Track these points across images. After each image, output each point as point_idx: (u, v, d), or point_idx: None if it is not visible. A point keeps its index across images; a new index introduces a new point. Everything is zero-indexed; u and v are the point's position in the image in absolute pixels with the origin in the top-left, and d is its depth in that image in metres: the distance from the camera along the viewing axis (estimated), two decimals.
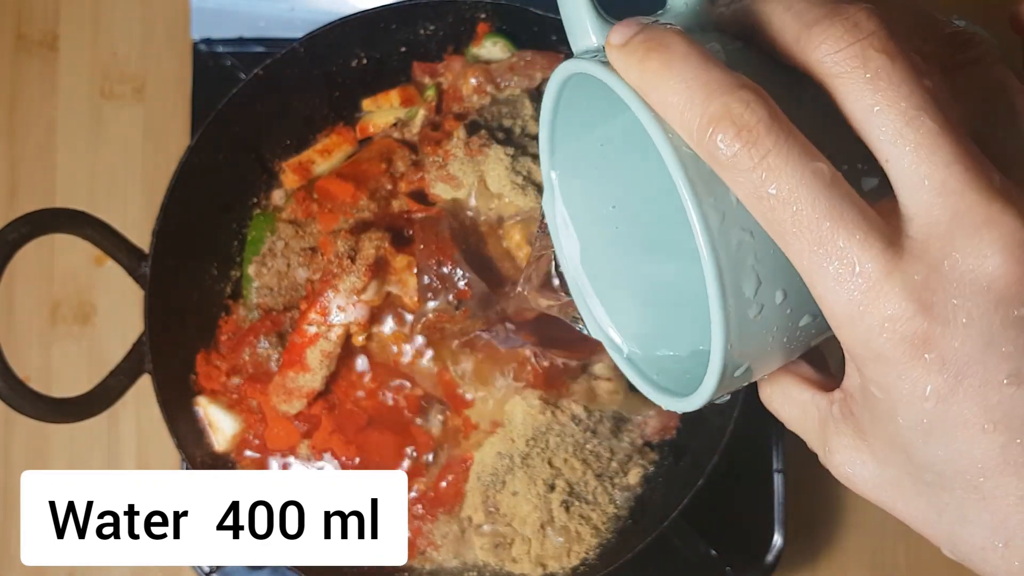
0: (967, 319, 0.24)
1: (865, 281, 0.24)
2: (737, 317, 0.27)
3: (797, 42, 0.26)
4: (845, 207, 0.24)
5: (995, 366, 0.24)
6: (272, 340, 0.68)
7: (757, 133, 0.24)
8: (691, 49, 0.26)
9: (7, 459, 0.78)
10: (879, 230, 0.24)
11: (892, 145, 0.24)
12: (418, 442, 0.68)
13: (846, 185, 0.25)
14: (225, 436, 0.69)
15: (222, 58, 0.76)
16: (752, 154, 0.24)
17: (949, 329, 0.24)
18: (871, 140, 0.25)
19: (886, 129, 0.24)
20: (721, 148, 0.25)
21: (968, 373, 0.24)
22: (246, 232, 0.72)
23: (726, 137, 0.25)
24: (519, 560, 0.66)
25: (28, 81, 0.81)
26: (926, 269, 0.24)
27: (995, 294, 0.24)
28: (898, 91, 0.24)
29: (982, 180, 0.24)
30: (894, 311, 0.24)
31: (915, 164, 0.24)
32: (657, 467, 0.69)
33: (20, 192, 0.80)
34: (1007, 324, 0.24)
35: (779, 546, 0.70)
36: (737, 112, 0.24)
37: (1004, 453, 0.24)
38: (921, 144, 0.24)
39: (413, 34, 0.71)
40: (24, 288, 0.79)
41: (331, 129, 0.73)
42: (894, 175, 0.25)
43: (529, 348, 0.65)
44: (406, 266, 0.65)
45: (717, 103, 0.25)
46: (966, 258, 0.24)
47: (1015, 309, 0.24)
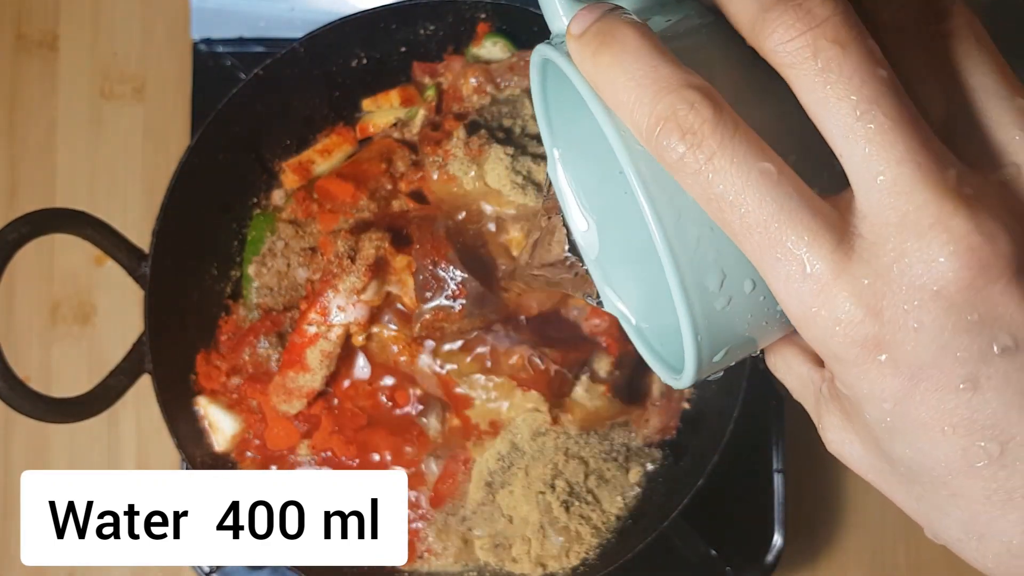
0: (918, 324, 0.23)
1: (816, 283, 0.24)
2: (703, 310, 0.26)
3: (752, 28, 0.25)
4: (794, 207, 0.24)
5: (950, 370, 0.23)
6: (272, 340, 0.68)
7: (702, 135, 0.24)
8: (642, 43, 0.25)
9: (7, 459, 0.78)
10: (830, 229, 0.24)
11: (844, 140, 0.24)
12: (418, 442, 0.68)
13: (796, 183, 0.24)
14: (225, 436, 0.69)
15: (222, 58, 0.76)
16: (697, 156, 0.24)
17: (900, 334, 0.23)
18: (825, 133, 0.24)
19: (838, 123, 0.24)
20: (668, 149, 0.24)
21: (923, 377, 0.23)
22: (246, 232, 0.72)
23: (672, 139, 0.24)
24: (519, 560, 0.66)
25: (28, 81, 0.81)
26: (875, 273, 0.23)
27: (945, 300, 0.23)
28: (849, 84, 0.23)
29: (935, 178, 0.23)
30: (844, 315, 0.23)
31: (866, 161, 0.23)
32: (657, 467, 0.69)
33: (20, 192, 0.80)
34: (959, 329, 0.23)
35: (779, 546, 0.70)
36: (682, 114, 0.24)
37: (966, 456, 0.24)
38: (872, 140, 0.23)
39: (413, 34, 0.71)
40: (24, 288, 0.79)
41: (331, 129, 0.73)
42: (848, 171, 0.24)
43: (527, 348, 0.65)
44: (406, 266, 0.65)
45: (663, 103, 0.24)
46: (915, 262, 0.23)
47: (966, 315, 0.23)
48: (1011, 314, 0.23)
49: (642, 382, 0.71)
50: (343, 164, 0.71)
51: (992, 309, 0.23)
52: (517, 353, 0.66)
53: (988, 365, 0.23)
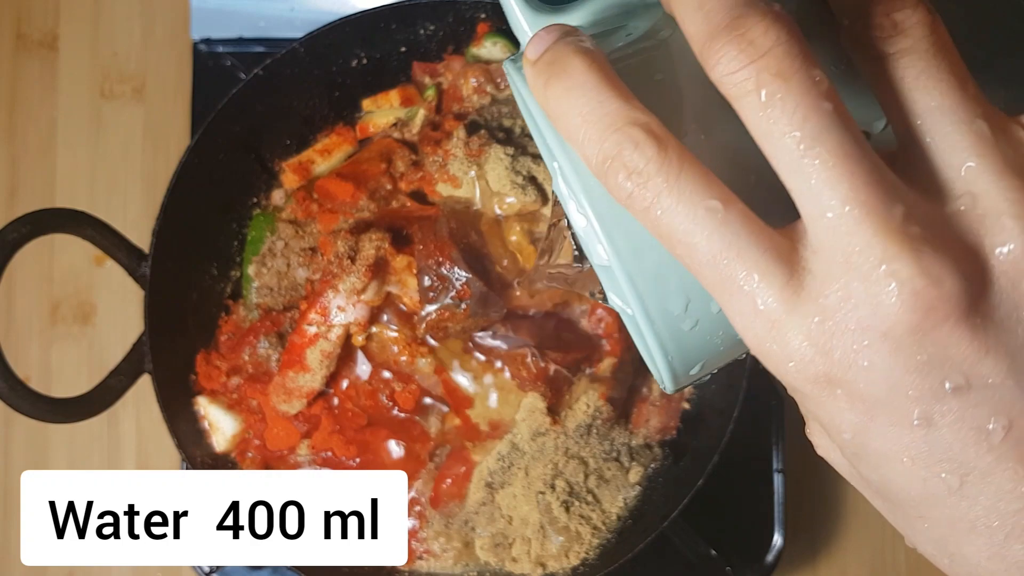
0: (868, 364, 0.23)
1: (767, 319, 0.23)
2: (670, 333, 0.26)
3: (701, 55, 0.24)
4: (742, 244, 0.23)
5: (903, 408, 0.23)
6: (272, 340, 0.68)
7: (647, 174, 0.23)
8: (589, 77, 0.25)
9: (7, 459, 0.78)
10: (781, 264, 0.23)
11: (790, 175, 0.23)
12: (418, 442, 0.68)
13: (744, 218, 0.23)
14: (225, 436, 0.69)
15: (222, 58, 0.76)
16: (644, 195, 0.24)
17: (851, 373, 0.23)
18: (773, 166, 0.23)
19: (783, 158, 0.23)
20: (616, 187, 0.24)
21: (878, 412, 0.23)
22: (246, 232, 0.72)
23: (619, 177, 0.24)
24: (519, 560, 0.66)
25: (28, 81, 0.81)
26: (824, 312, 0.23)
27: (893, 341, 0.22)
28: (791, 119, 0.22)
29: (880, 217, 0.22)
30: (795, 353, 0.23)
31: (812, 197, 0.23)
32: (657, 467, 0.69)
33: (20, 192, 0.80)
34: (909, 370, 0.22)
35: (779, 546, 0.70)
36: (627, 153, 0.24)
37: (927, 486, 0.24)
38: (817, 176, 0.23)
39: (413, 34, 0.71)
40: (24, 288, 0.79)
41: (331, 129, 0.73)
42: (797, 204, 0.23)
43: (529, 348, 0.65)
44: (406, 266, 0.65)
45: (609, 142, 0.24)
46: (862, 304, 0.22)
47: (915, 355, 0.22)
48: (961, 354, 0.22)
49: (642, 381, 0.71)
50: (343, 164, 0.71)
51: (941, 350, 0.22)
52: (518, 353, 0.66)
53: (941, 403, 0.23)
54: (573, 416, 0.67)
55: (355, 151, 0.72)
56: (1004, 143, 0.24)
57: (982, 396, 0.23)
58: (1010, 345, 0.22)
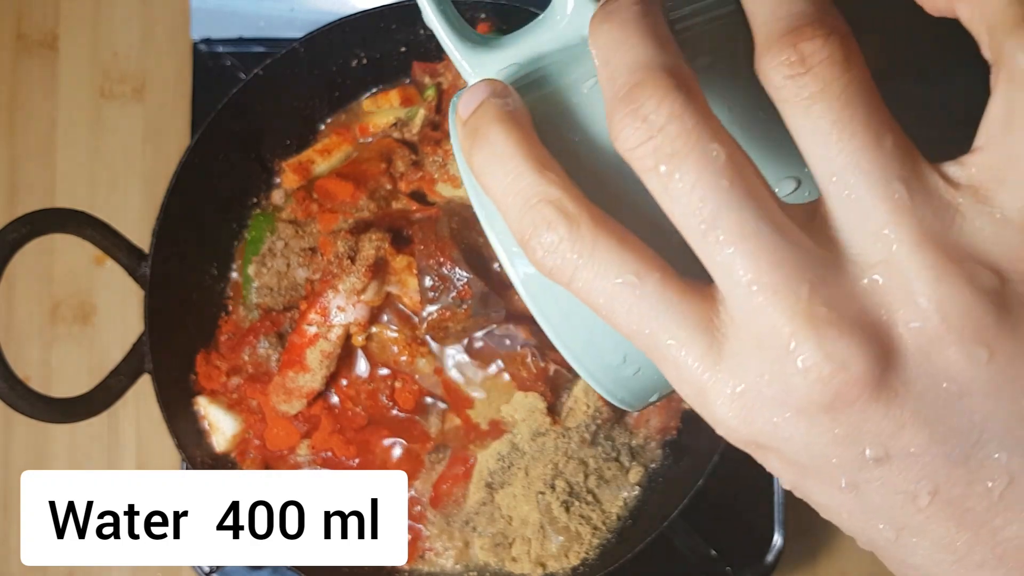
0: (789, 435, 0.23)
1: (692, 385, 0.23)
2: (614, 380, 0.26)
3: (607, 122, 0.23)
4: (661, 314, 0.23)
5: (829, 475, 0.23)
6: (272, 340, 0.68)
7: (561, 252, 0.23)
8: (507, 148, 0.25)
9: (7, 459, 0.78)
10: (702, 331, 0.23)
11: (698, 250, 0.23)
12: (418, 442, 0.68)
13: (662, 288, 0.23)
14: (225, 436, 0.69)
15: (222, 58, 0.76)
16: (563, 271, 0.24)
17: (775, 442, 0.23)
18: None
19: (689, 235, 0.23)
20: (538, 264, 0.24)
21: (808, 475, 0.24)
22: (246, 232, 0.72)
23: (536, 255, 0.24)
24: (519, 560, 0.66)
25: (28, 81, 0.81)
26: (742, 382, 0.23)
27: (808, 418, 0.22)
28: (689, 200, 0.22)
29: (785, 299, 0.22)
30: (721, 420, 0.23)
31: (721, 273, 0.22)
32: (657, 467, 0.69)
33: (20, 192, 0.80)
34: (828, 442, 0.22)
35: (779, 546, 0.70)
36: (541, 232, 0.24)
37: (868, 536, 0.24)
38: (721, 255, 0.22)
39: (413, 34, 0.71)
40: (24, 288, 0.79)
41: (331, 129, 0.73)
42: (711, 276, 0.23)
43: (529, 348, 0.65)
44: (406, 266, 0.65)
45: (524, 220, 0.24)
46: (774, 383, 0.22)
47: (832, 430, 0.22)
48: (876, 428, 0.22)
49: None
50: (343, 164, 0.71)
51: (855, 426, 0.22)
52: (518, 353, 0.66)
53: (864, 472, 0.23)
54: (573, 416, 0.67)
55: (355, 151, 0.72)
56: (923, 205, 0.22)
57: (904, 464, 0.23)
58: (928, 416, 0.22)
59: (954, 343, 0.22)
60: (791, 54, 0.22)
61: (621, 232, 0.24)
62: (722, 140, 0.22)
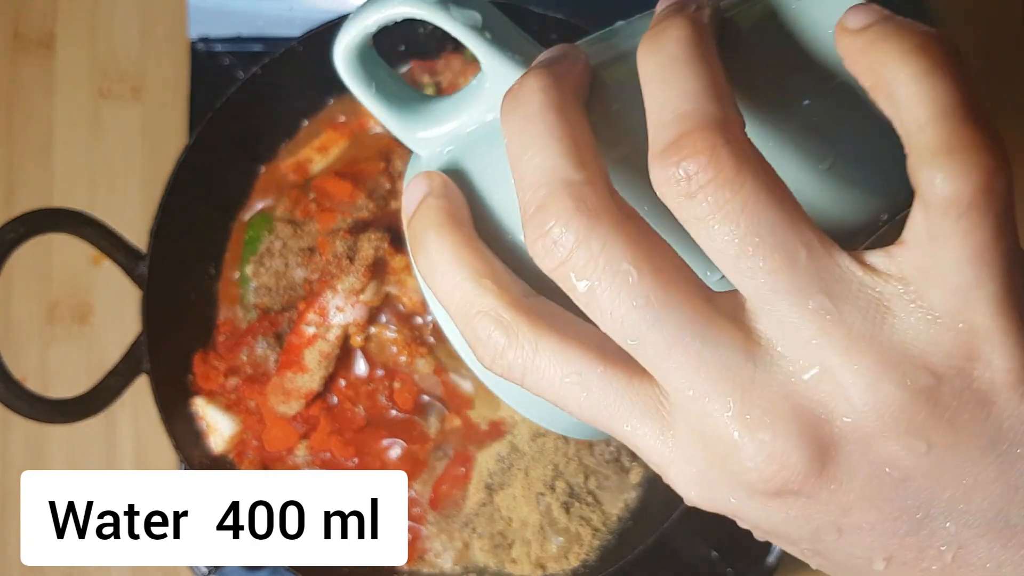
0: (746, 512, 0.24)
1: (655, 463, 0.24)
2: (588, 432, 0.27)
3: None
4: (611, 404, 0.23)
5: (791, 543, 0.24)
6: (270, 341, 0.68)
7: (506, 358, 0.24)
8: (442, 256, 0.25)
9: (6, 459, 0.78)
10: (651, 419, 0.23)
11: (633, 355, 0.23)
12: (418, 442, 0.68)
13: (609, 379, 0.23)
14: (223, 437, 0.68)
15: (220, 57, 0.76)
16: (512, 374, 0.24)
17: (737, 514, 0.24)
18: None
19: (620, 343, 0.23)
20: (489, 366, 0.25)
21: (773, 539, 0.24)
22: (244, 232, 0.72)
23: (485, 360, 0.25)
24: (519, 561, 0.66)
25: (25, 81, 0.81)
26: (695, 464, 0.23)
27: (760, 501, 0.23)
28: (612, 318, 0.22)
29: (720, 401, 0.22)
30: (683, 493, 0.24)
31: (657, 377, 0.23)
32: None
33: (17, 191, 0.80)
34: (782, 521, 0.23)
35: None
36: (484, 341, 0.24)
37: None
38: (650, 366, 0.23)
39: (412, 33, 0.71)
40: (21, 288, 0.79)
41: (329, 127, 0.73)
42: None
43: None
44: (405, 266, 0.65)
45: (468, 329, 0.25)
46: (724, 474, 0.23)
47: (785, 511, 0.23)
48: (824, 511, 0.23)
49: None
50: (341, 163, 0.71)
51: (803, 510, 0.23)
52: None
53: (820, 543, 0.24)
54: None
55: (352, 148, 0.72)
56: (851, 311, 0.21)
57: (857, 537, 0.23)
58: (875, 499, 0.22)
59: (892, 438, 0.22)
60: (675, 172, 0.21)
61: (561, 329, 0.24)
62: (634, 255, 0.22)
